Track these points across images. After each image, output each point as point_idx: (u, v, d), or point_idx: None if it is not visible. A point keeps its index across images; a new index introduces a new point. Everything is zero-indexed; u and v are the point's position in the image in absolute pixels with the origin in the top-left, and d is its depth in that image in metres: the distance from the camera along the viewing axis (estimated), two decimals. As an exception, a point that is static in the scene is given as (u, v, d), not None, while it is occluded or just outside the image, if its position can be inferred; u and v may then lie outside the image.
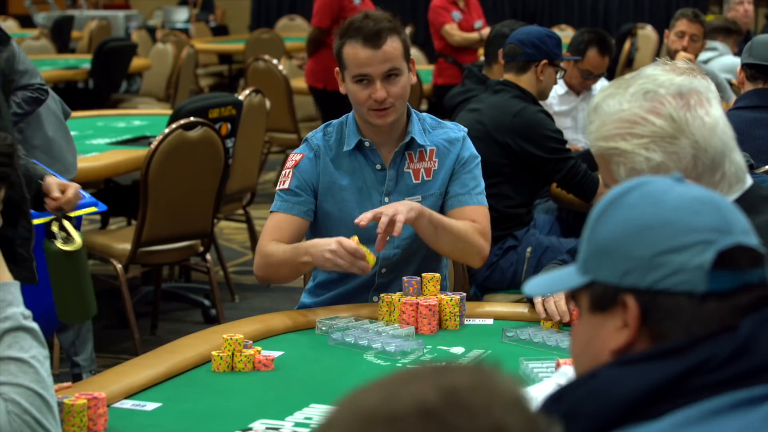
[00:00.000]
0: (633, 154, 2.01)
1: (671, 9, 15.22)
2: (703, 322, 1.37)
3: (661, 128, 2.00)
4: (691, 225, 1.39)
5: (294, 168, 3.25)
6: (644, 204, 1.42)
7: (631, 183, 1.46)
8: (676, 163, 2.00)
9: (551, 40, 4.69)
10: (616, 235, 1.41)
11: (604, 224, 1.44)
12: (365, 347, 2.82)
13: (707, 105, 2.03)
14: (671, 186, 1.44)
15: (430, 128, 3.30)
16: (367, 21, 3.17)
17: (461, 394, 1.05)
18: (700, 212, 1.40)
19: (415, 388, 1.06)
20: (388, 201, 3.23)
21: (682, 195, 1.42)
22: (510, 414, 1.05)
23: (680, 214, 1.40)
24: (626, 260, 1.40)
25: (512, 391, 1.08)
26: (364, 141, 3.24)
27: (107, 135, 6.16)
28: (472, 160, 3.28)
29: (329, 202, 3.24)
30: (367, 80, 3.16)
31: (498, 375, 1.09)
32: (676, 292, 1.38)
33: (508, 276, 4.53)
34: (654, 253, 1.39)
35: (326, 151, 3.26)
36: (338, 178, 3.24)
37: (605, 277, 1.42)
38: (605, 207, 1.45)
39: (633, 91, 2.03)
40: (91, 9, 16.69)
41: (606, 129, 2.03)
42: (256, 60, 8.83)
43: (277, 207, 3.24)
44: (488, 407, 1.05)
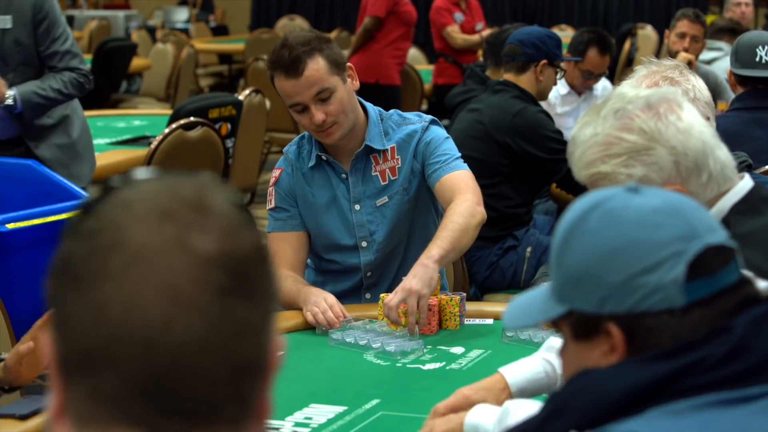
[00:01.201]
0: (615, 174, 2.01)
1: (671, 9, 15.22)
2: (690, 331, 1.37)
3: (635, 143, 2.00)
4: (656, 241, 1.38)
5: (275, 185, 3.32)
6: (605, 227, 1.40)
7: (587, 203, 1.43)
8: (659, 173, 2.00)
9: (551, 41, 4.69)
10: (584, 264, 1.40)
11: (569, 252, 1.42)
12: (365, 347, 2.83)
13: (678, 110, 2.03)
14: (628, 201, 1.42)
15: (395, 126, 3.30)
16: (284, 51, 3.15)
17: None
18: (661, 224, 1.39)
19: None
20: (358, 208, 3.27)
21: (640, 209, 1.41)
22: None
23: (643, 232, 1.39)
24: (600, 288, 1.39)
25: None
26: (322, 155, 3.27)
27: (107, 135, 6.16)
28: (437, 139, 3.26)
29: (306, 215, 3.30)
30: (303, 107, 3.18)
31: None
32: (657, 311, 1.37)
33: (508, 276, 4.53)
34: (626, 277, 1.37)
35: (299, 166, 3.31)
36: (310, 192, 3.29)
37: (582, 306, 1.41)
38: (567, 234, 1.43)
39: (604, 113, 2.04)
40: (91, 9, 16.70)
41: (585, 156, 2.05)
42: (256, 60, 8.83)
43: (271, 227, 3.31)
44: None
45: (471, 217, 3.08)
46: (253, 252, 1.02)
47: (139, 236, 0.99)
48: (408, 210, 3.27)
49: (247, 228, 1.03)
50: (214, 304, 0.98)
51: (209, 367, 0.98)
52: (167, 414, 0.98)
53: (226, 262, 0.99)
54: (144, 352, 0.97)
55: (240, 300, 1.00)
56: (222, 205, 1.02)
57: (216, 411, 0.99)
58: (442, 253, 2.97)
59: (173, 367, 0.97)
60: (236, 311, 0.99)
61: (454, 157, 3.24)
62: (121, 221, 1.00)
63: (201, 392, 0.98)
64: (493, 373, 2.29)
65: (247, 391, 1.02)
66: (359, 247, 3.29)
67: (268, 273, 1.03)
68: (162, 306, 0.97)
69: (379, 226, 3.26)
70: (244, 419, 1.02)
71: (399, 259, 3.30)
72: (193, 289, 0.98)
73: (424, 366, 2.73)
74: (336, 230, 3.28)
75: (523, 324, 1.56)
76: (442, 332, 2.99)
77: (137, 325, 0.97)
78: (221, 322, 0.98)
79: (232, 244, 1.00)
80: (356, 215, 3.27)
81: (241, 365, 1.00)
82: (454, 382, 2.59)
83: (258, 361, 1.02)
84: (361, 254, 3.29)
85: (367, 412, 2.41)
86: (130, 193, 1.02)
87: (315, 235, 3.31)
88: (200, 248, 0.99)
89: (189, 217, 1.00)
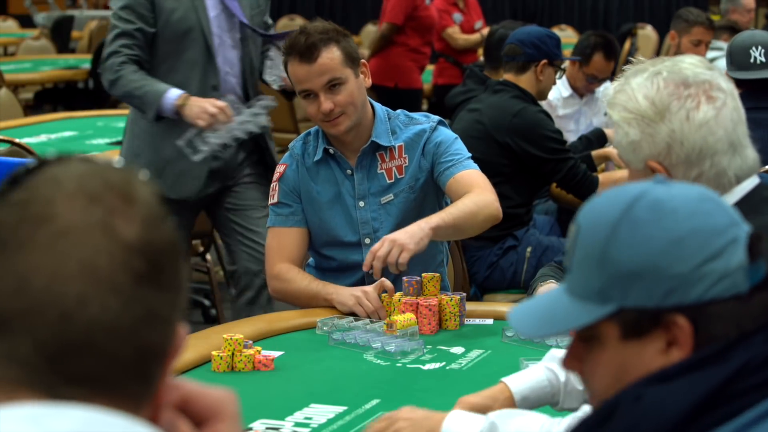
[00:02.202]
0: (618, 125, 2.10)
1: (671, 9, 15.21)
2: (751, 317, 1.35)
3: (644, 110, 2.07)
4: (716, 227, 1.36)
5: (279, 180, 3.32)
6: (660, 218, 1.36)
7: (625, 196, 1.40)
8: (650, 146, 2.06)
9: (551, 40, 4.69)
10: (644, 257, 1.35)
11: (620, 247, 1.36)
12: (365, 347, 2.83)
13: (704, 101, 2.05)
14: (669, 191, 1.39)
15: (402, 125, 3.32)
16: (301, 37, 3.19)
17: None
18: (712, 212, 1.38)
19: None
20: (363, 205, 3.27)
21: (687, 197, 1.39)
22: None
23: (701, 219, 1.36)
24: (665, 280, 1.34)
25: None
26: (329, 149, 3.28)
27: (107, 135, 6.16)
28: (448, 139, 3.29)
29: (309, 210, 3.30)
30: (312, 95, 3.20)
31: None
32: (724, 298, 1.34)
33: (508, 276, 4.53)
34: (694, 266, 1.34)
35: (304, 161, 3.31)
36: (315, 187, 3.30)
37: (638, 301, 1.35)
38: (612, 228, 1.37)
39: (650, 70, 2.10)
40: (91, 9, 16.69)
41: (615, 98, 2.11)
42: (256, 60, 8.80)
43: (273, 222, 3.32)
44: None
45: (485, 206, 3.12)
46: (170, 245, 1.08)
47: (68, 213, 1.04)
48: (413, 209, 3.28)
49: (166, 222, 1.09)
50: (130, 288, 1.04)
51: (118, 346, 1.04)
52: (72, 382, 1.03)
53: (146, 251, 1.06)
54: (59, 322, 1.02)
55: (154, 289, 1.06)
56: (146, 197, 1.08)
57: (119, 386, 1.05)
58: (440, 222, 3.03)
59: (84, 341, 1.03)
60: (149, 298, 1.06)
61: (466, 156, 3.26)
62: (51, 196, 1.05)
63: (106, 366, 1.04)
64: (493, 373, 2.28)
65: (151, 374, 1.08)
66: (362, 244, 3.29)
67: (180, 267, 1.09)
68: (82, 282, 1.03)
69: (383, 223, 3.27)
70: (145, 398, 1.08)
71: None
72: (113, 271, 1.04)
73: (424, 366, 2.73)
74: (339, 226, 3.29)
75: (552, 332, 1.49)
76: (442, 332, 2.99)
77: (56, 297, 1.03)
78: (134, 306, 1.04)
79: (152, 235, 1.07)
80: (360, 212, 3.28)
81: (147, 349, 1.06)
82: (454, 382, 2.59)
83: (163, 347, 1.08)
84: (363, 251, 3.29)
85: (367, 412, 2.41)
86: (59, 170, 1.08)
87: (318, 230, 3.31)
88: (123, 234, 1.05)
89: (115, 203, 1.06)
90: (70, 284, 1.03)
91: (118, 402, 1.05)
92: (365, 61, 3.30)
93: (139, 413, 1.07)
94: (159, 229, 1.08)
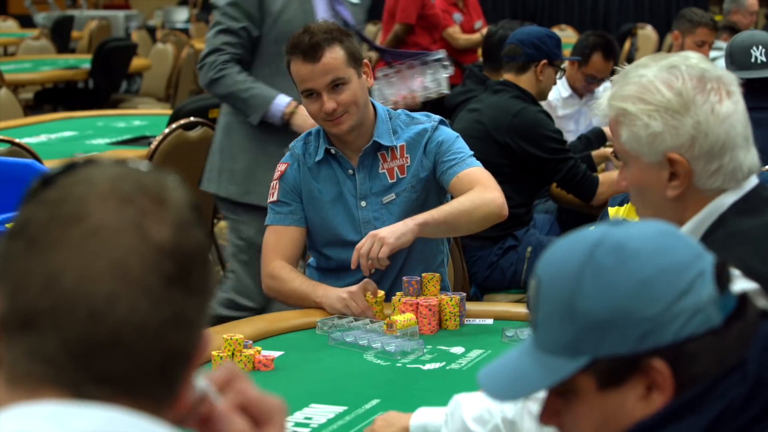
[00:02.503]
0: (635, 117, 2.04)
1: (671, 9, 15.22)
2: (731, 350, 1.31)
3: (668, 100, 2.02)
4: (681, 262, 1.32)
5: (279, 179, 3.32)
6: (622, 261, 1.31)
7: (582, 244, 1.34)
8: (674, 138, 2.02)
9: (551, 40, 4.69)
10: (613, 304, 1.30)
11: (587, 298, 1.31)
12: (365, 347, 2.83)
13: (724, 95, 2.04)
14: (627, 232, 1.34)
15: (403, 125, 3.32)
16: (304, 36, 3.19)
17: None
18: (675, 247, 1.34)
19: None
20: (365, 205, 3.28)
21: (646, 236, 1.34)
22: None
23: (664, 258, 1.32)
24: (637, 324, 1.29)
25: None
26: (330, 149, 3.28)
27: (107, 135, 6.16)
28: (450, 139, 3.28)
29: (310, 210, 3.30)
30: (315, 94, 3.20)
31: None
32: (701, 334, 1.30)
33: (508, 276, 4.53)
34: (665, 306, 1.30)
35: (305, 161, 3.31)
36: (316, 187, 3.30)
37: (612, 350, 1.30)
38: (575, 280, 1.32)
39: (662, 64, 2.07)
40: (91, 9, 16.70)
41: (623, 90, 2.07)
42: (256, 60, 8.81)
43: (271, 220, 3.31)
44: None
45: (483, 204, 3.12)
46: (200, 250, 1.09)
47: (100, 213, 1.05)
48: (415, 208, 3.27)
49: (197, 227, 1.10)
50: (159, 290, 1.05)
51: (144, 347, 1.05)
52: (97, 382, 1.03)
53: (176, 254, 1.06)
54: (88, 321, 1.03)
55: (182, 291, 1.06)
56: (178, 201, 1.09)
57: (142, 386, 1.05)
58: (428, 219, 3.04)
59: (112, 341, 1.03)
60: (178, 301, 1.06)
61: (469, 154, 3.26)
62: (84, 196, 1.06)
63: (132, 367, 1.04)
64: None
65: (175, 377, 1.08)
66: None
67: (208, 272, 1.11)
68: (112, 281, 1.03)
69: (385, 223, 3.26)
70: (167, 400, 1.08)
71: (402, 257, 3.29)
72: (143, 272, 1.04)
73: (424, 366, 2.73)
74: (341, 226, 3.29)
75: (527, 393, 1.41)
76: (442, 332, 2.99)
77: (86, 295, 1.03)
78: (163, 308, 1.05)
79: (183, 239, 1.07)
80: (362, 212, 3.28)
81: (173, 351, 1.07)
82: (454, 382, 2.59)
83: (188, 350, 1.08)
84: None
85: (367, 412, 2.41)
86: (93, 172, 1.08)
87: (319, 230, 3.31)
88: (155, 236, 1.06)
89: (148, 206, 1.07)
90: (100, 283, 1.03)
91: (140, 403, 1.05)
92: (366, 61, 3.30)
93: (161, 415, 1.07)
94: (190, 233, 1.08)
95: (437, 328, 2.99)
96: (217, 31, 4.17)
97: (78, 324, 1.03)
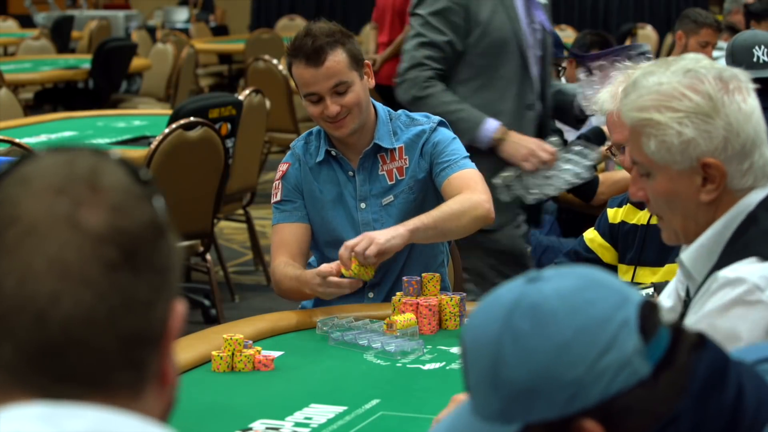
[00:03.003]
0: (666, 126, 1.99)
1: (671, 9, 15.22)
2: (664, 400, 1.26)
3: (698, 105, 1.99)
4: (599, 318, 1.26)
5: (282, 179, 3.32)
6: (539, 326, 1.26)
7: (496, 311, 1.29)
8: (707, 142, 1.98)
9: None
10: (534, 371, 1.25)
11: (508, 367, 1.26)
12: (365, 347, 2.83)
13: (745, 93, 2.03)
14: (541, 290, 1.28)
15: (403, 126, 3.31)
16: (307, 39, 3.17)
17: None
18: (593, 301, 1.27)
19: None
20: (364, 206, 3.28)
21: (562, 293, 1.28)
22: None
23: (582, 316, 1.26)
24: (562, 388, 1.24)
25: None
26: (331, 150, 3.28)
27: (107, 135, 6.16)
28: (445, 140, 3.28)
29: (311, 209, 3.30)
30: (318, 97, 3.19)
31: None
32: (630, 388, 1.25)
33: (508, 276, 4.53)
34: (587, 366, 1.24)
35: (306, 161, 3.31)
36: (317, 187, 3.30)
37: (542, 414, 1.25)
38: (494, 349, 1.27)
39: (674, 69, 2.03)
40: (91, 9, 16.69)
41: (642, 100, 2.02)
42: (256, 60, 8.83)
43: (277, 219, 3.32)
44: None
45: (471, 208, 3.11)
46: (146, 227, 1.07)
47: (33, 211, 1.03)
48: (413, 210, 3.27)
49: (142, 203, 1.07)
50: (102, 278, 1.03)
51: (98, 338, 1.03)
52: (61, 381, 1.02)
53: (115, 238, 1.04)
54: (35, 323, 1.02)
55: (130, 274, 1.04)
56: (115, 180, 1.07)
57: (108, 377, 1.04)
58: (418, 224, 3.04)
59: (63, 338, 1.02)
60: (125, 285, 1.04)
61: (462, 156, 3.25)
62: (17, 197, 1.04)
63: (91, 361, 1.03)
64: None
65: (141, 359, 1.06)
66: None
67: (161, 247, 1.08)
68: (52, 279, 1.02)
69: (384, 225, 3.27)
70: (142, 384, 1.07)
71: (403, 258, 3.29)
72: (82, 265, 1.02)
73: (424, 366, 2.73)
74: (341, 227, 3.29)
75: None
76: (442, 332, 2.99)
77: (29, 298, 1.02)
78: (109, 296, 1.03)
79: (123, 220, 1.05)
80: (362, 213, 3.28)
81: (131, 336, 1.05)
82: (454, 382, 2.59)
83: (149, 331, 1.07)
84: None
85: (367, 412, 2.41)
86: (30, 168, 1.07)
87: (319, 229, 3.31)
88: (89, 224, 1.03)
89: (81, 193, 1.04)
90: (41, 283, 1.02)
91: (115, 395, 1.04)
92: (368, 62, 3.30)
93: (142, 399, 1.06)
94: (131, 212, 1.06)
95: (437, 328, 2.99)
96: (418, 43, 3.98)
97: (27, 328, 1.02)
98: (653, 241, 2.97)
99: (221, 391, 2.56)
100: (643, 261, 2.99)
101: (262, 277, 6.64)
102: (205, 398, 2.51)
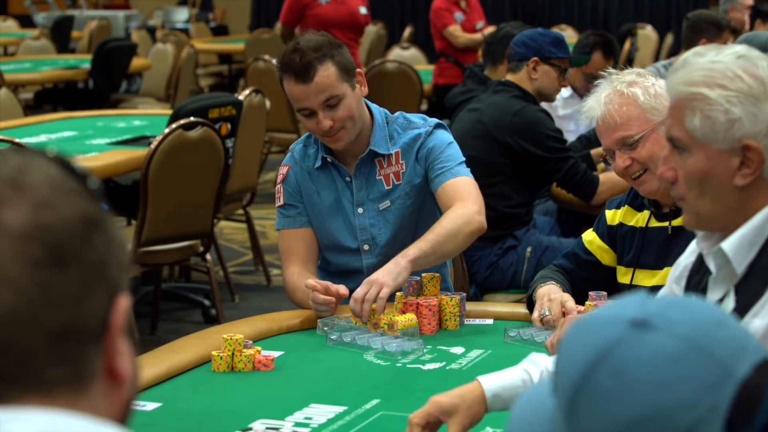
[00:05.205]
0: (715, 102, 1.98)
1: (671, 9, 15.21)
2: None
3: (750, 87, 1.98)
4: (684, 400, 1.15)
5: (283, 183, 3.33)
6: (620, 389, 1.16)
7: (590, 350, 1.19)
8: (752, 125, 1.97)
9: (543, 38, 4.67)
10: (601, 431, 1.17)
11: (581, 411, 1.18)
12: (365, 347, 2.83)
13: None
14: (639, 346, 1.17)
15: (400, 129, 3.31)
16: (295, 55, 3.16)
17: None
18: (685, 377, 1.15)
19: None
20: (361, 212, 3.28)
21: (657, 358, 1.16)
22: None
23: (667, 393, 1.15)
24: None
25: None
26: (327, 158, 3.28)
27: (107, 135, 6.15)
28: (440, 145, 3.27)
29: (311, 213, 3.32)
30: (309, 111, 3.19)
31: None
32: None
33: (508, 276, 4.53)
34: None
35: (305, 164, 3.31)
36: (315, 191, 3.30)
37: None
38: (574, 392, 1.19)
39: (727, 52, 2.02)
40: (91, 9, 16.69)
41: (693, 75, 2.00)
42: (256, 60, 8.83)
43: (281, 224, 3.32)
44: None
45: (464, 224, 3.10)
46: (73, 221, 1.06)
47: None
48: (410, 214, 3.27)
49: (70, 198, 1.06)
50: (24, 276, 1.02)
51: (22, 336, 1.02)
52: None
53: (39, 235, 1.03)
54: None
55: (55, 269, 1.03)
56: (42, 177, 1.06)
57: (39, 374, 1.03)
58: (418, 253, 3.02)
59: None
60: (50, 280, 1.03)
61: (457, 162, 3.24)
62: None
63: (16, 359, 1.02)
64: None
65: (75, 355, 1.05)
66: (361, 250, 3.30)
67: (95, 241, 1.07)
68: None
69: (381, 229, 3.27)
70: (83, 381, 1.05)
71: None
72: (4, 265, 1.02)
73: (424, 366, 2.73)
74: (339, 232, 3.29)
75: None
76: (442, 332, 2.99)
77: None
78: (31, 293, 1.02)
79: (46, 217, 1.04)
80: (359, 218, 3.28)
81: (58, 331, 1.04)
82: (454, 382, 2.58)
83: (81, 325, 1.05)
84: (363, 257, 3.30)
85: (367, 412, 2.41)
86: None
87: (319, 234, 3.32)
88: (11, 224, 1.03)
89: (3, 193, 1.04)
90: None
91: (53, 391, 1.03)
92: (360, 70, 3.29)
93: (87, 397, 1.05)
94: (56, 208, 1.05)
95: (437, 328, 2.99)
96: None
97: None
98: (652, 244, 2.97)
99: (221, 391, 2.56)
100: (642, 264, 2.99)
101: (262, 277, 6.64)
102: (205, 398, 2.51)
